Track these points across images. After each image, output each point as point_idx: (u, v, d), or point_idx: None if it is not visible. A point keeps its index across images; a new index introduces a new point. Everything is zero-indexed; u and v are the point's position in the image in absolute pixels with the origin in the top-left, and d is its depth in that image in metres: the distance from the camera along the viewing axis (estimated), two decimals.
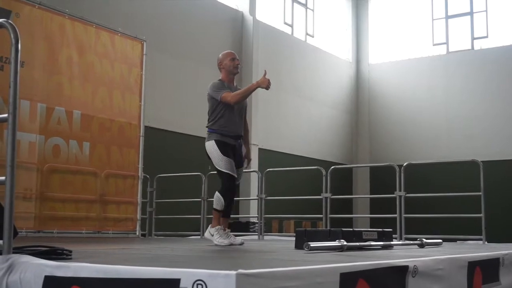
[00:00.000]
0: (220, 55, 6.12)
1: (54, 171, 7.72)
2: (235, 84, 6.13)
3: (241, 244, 5.68)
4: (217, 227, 5.68)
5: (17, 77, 2.70)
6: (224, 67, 6.00)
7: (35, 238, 6.82)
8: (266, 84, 5.70)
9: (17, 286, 2.42)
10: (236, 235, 5.87)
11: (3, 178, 2.63)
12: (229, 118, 5.83)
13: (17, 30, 2.75)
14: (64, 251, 2.91)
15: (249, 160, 6.15)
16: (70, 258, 2.85)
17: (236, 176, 5.76)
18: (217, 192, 5.78)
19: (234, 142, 5.87)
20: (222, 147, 5.75)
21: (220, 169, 5.73)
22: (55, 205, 7.72)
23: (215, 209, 5.76)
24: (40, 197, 7.50)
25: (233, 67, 5.99)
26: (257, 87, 5.80)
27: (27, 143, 7.37)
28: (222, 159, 5.71)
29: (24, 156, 7.27)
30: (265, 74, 5.74)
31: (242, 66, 14.20)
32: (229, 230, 5.91)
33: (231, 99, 5.74)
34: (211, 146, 5.79)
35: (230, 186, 5.75)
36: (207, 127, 5.91)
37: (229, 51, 6.27)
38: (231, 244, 5.55)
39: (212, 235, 5.66)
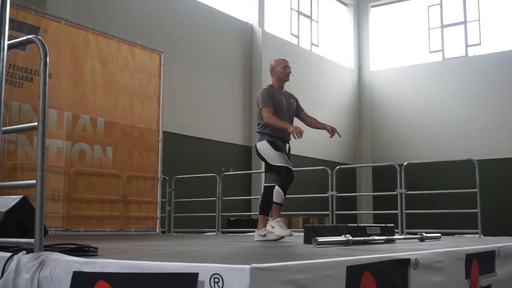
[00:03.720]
0: (273, 61, 5.99)
1: (80, 174, 7.75)
2: (284, 90, 6.00)
3: (290, 235, 5.54)
4: (278, 219, 5.54)
5: (46, 89, 2.71)
6: (276, 73, 5.88)
7: (63, 236, 6.85)
8: (295, 131, 5.42)
9: (48, 281, 2.44)
10: (248, 232, 5.81)
11: (34, 181, 2.65)
12: None
13: (46, 45, 2.76)
14: (91, 248, 2.92)
15: (331, 128, 6.16)
16: (96, 255, 2.86)
17: (292, 168, 5.59)
18: (277, 186, 5.59)
19: (283, 144, 5.75)
20: (274, 145, 5.64)
21: (276, 164, 5.59)
22: (82, 206, 7.75)
23: (276, 203, 5.59)
24: (68, 198, 7.53)
25: (284, 75, 5.88)
26: (286, 128, 5.57)
27: (55, 148, 7.41)
28: (275, 154, 5.59)
29: (53, 160, 7.30)
30: (299, 132, 5.45)
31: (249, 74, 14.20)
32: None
33: (265, 119, 5.62)
34: (263, 145, 5.67)
35: (289, 178, 5.58)
36: (258, 131, 5.77)
37: (283, 58, 6.08)
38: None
39: (273, 227, 5.52)
